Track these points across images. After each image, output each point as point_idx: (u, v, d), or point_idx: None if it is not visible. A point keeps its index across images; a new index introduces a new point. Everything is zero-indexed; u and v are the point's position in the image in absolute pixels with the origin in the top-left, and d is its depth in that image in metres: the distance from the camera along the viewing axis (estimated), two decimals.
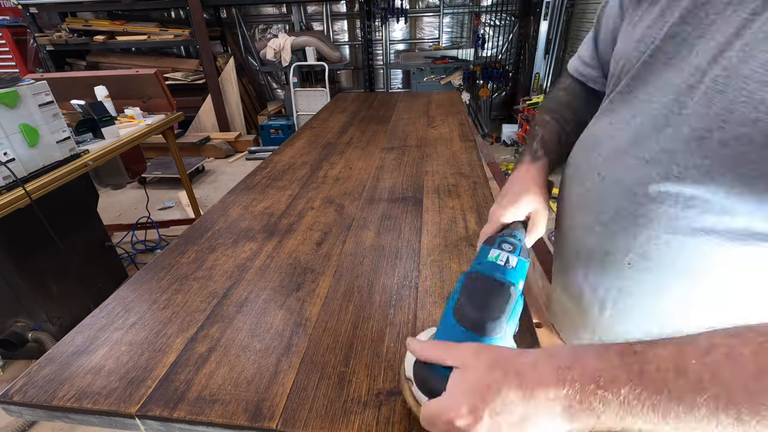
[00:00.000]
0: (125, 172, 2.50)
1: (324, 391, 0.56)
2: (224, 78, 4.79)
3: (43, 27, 4.70)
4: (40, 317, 1.80)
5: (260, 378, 0.58)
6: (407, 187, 1.18)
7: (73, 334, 0.68)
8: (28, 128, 1.47)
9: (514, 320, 0.46)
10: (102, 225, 2.23)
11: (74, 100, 2.03)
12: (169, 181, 3.98)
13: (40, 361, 0.63)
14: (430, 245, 0.89)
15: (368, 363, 0.60)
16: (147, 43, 4.65)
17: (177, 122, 2.46)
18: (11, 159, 1.41)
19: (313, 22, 5.28)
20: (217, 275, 0.81)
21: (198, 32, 4.41)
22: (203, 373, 0.59)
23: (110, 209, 3.45)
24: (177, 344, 0.65)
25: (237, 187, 1.22)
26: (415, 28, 5.31)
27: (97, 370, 0.61)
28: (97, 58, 4.95)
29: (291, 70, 4.60)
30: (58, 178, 1.57)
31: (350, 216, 1.03)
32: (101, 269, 2.17)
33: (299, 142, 1.63)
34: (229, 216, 1.05)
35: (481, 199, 1.08)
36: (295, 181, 1.25)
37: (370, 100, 2.33)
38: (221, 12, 5.15)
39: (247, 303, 0.73)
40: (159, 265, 0.85)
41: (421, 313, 0.69)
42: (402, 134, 1.68)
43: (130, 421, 0.55)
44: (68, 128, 1.65)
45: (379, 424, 0.51)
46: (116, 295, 0.77)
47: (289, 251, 0.89)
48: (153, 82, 2.35)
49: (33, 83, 1.50)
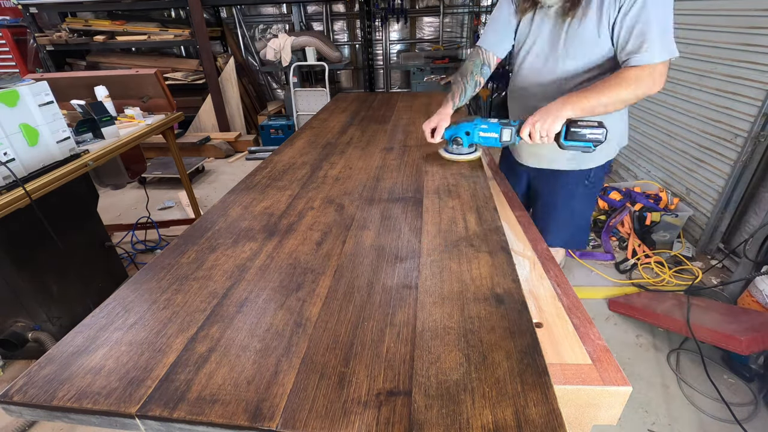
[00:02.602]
0: (125, 172, 2.51)
1: (324, 392, 0.56)
2: (224, 78, 4.79)
3: (43, 27, 4.70)
4: (40, 317, 1.80)
5: (260, 378, 0.58)
6: (407, 187, 1.18)
7: (73, 334, 0.68)
8: (28, 128, 1.47)
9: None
10: (102, 225, 2.23)
11: (74, 100, 2.03)
12: (169, 181, 3.98)
13: (40, 361, 0.63)
14: (430, 245, 0.89)
15: (368, 363, 0.60)
16: (147, 43, 4.65)
17: (177, 122, 2.46)
18: (11, 159, 1.41)
19: (313, 22, 5.28)
20: (217, 275, 0.81)
21: (198, 32, 4.41)
22: (203, 373, 0.59)
23: (110, 209, 3.46)
24: (177, 344, 0.64)
25: (237, 187, 1.22)
26: (415, 28, 5.31)
27: (97, 370, 0.60)
28: (97, 58, 4.95)
29: (291, 70, 4.60)
30: (58, 178, 1.57)
31: (350, 216, 1.03)
32: (101, 269, 2.18)
33: (299, 142, 1.63)
34: (229, 216, 1.05)
35: (481, 199, 1.08)
36: (295, 181, 1.25)
37: (370, 100, 2.33)
38: (221, 12, 5.15)
39: (247, 303, 0.73)
40: (159, 265, 0.85)
41: (421, 313, 0.69)
42: (402, 134, 1.68)
43: (130, 421, 0.55)
44: (68, 128, 1.65)
45: (379, 424, 0.51)
46: (116, 295, 0.77)
47: (289, 251, 0.89)
48: (153, 82, 2.35)
49: (33, 83, 1.50)
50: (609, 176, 3.68)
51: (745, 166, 2.22)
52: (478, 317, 0.68)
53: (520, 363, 0.59)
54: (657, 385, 1.72)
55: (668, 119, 2.87)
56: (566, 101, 1.12)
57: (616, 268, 2.46)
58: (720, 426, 1.55)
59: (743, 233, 2.33)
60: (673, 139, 2.82)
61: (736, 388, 1.70)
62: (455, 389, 0.55)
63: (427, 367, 0.59)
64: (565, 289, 0.88)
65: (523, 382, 0.56)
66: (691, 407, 1.63)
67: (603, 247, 2.65)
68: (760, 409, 1.61)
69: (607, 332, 2.00)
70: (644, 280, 2.34)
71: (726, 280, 2.27)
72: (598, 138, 1.10)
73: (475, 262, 0.82)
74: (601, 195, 2.92)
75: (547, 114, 1.12)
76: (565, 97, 1.13)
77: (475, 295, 0.73)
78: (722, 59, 2.36)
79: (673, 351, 1.88)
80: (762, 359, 1.67)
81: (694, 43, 2.59)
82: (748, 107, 2.19)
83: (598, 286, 2.33)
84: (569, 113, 1.11)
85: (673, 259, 2.51)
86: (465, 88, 1.41)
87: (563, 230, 1.52)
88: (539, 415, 0.51)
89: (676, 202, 2.64)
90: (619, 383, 0.64)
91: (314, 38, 4.71)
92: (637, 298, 2.15)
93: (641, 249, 2.52)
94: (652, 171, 3.10)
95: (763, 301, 1.84)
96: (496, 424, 0.51)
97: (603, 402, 0.66)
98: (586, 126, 1.10)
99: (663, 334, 1.98)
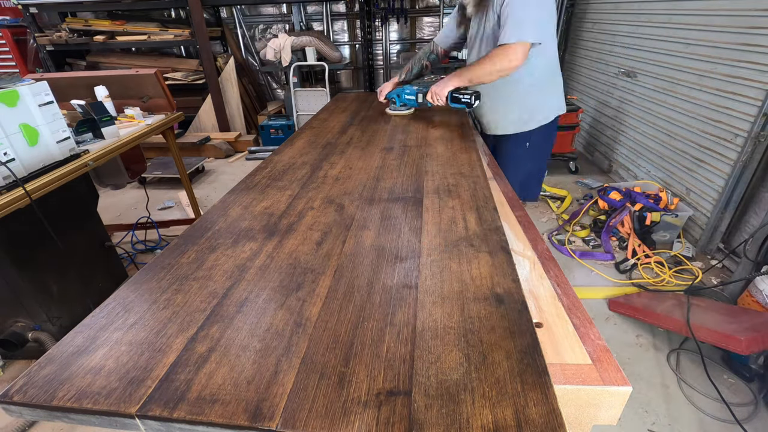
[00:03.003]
0: (125, 172, 2.51)
1: (324, 391, 0.56)
2: (224, 78, 4.79)
3: (43, 27, 4.70)
4: (40, 317, 1.80)
5: (260, 378, 0.58)
6: (407, 186, 1.18)
7: (73, 334, 0.68)
8: (28, 128, 1.47)
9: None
10: (102, 225, 2.23)
11: (74, 100, 2.03)
12: (169, 181, 3.98)
13: (40, 361, 0.63)
14: (430, 245, 0.89)
15: (368, 363, 0.60)
16: (147, 43, 4.65)
17: (177, 122, 2.46)
18: (11, 159, 1.41)
19: (313, 22, 5.28)
20: (217, 275, 0.81)
21: (198, 32, 4.41)
22: (203, 373, 0.59)
23: (110, 209, 3.46)
24: (177, 344, 0.64)
25: (237, 187, 1.22)
26: (415, 28, 5.31)
27: (97, 370, 0.60)
28: (97, 58, 4.95)
29: (291, 70, 4.60)
30: (58, 178, 1.56)
31: (350, 216, 1.03)
32: (101, 269, 2.18)
33: (299, 142, 1.63)
34: (229, 216, 1.05)
35: (481, 199, 1.08)
36: (295, 181, 1.25)
37: (370, 100, 2.33)
38: (221, 12, 5.15)
39: (247, 303, 0.73)
40: (159, 265, 0.85)
41: (421, 313, 0.69)
42: (402, 134, 1.68)
43: (130, 421, 0.55)
44: (68, 128, 1.65)
45: (379, 424, 0.51)
46: (116, 295, 0.77)
47: (289, 251, 0.89)
48: (153, 82, 2.35)
49: (33, 83, 1.50)
50: (608, 176, 3.69)
51: (745, 166, 2.22)
52: (478, 317, 0.68)
53: (520, 363, 0.59)
54: (657, 385, 1.72)
55: (668, 119, 2.87)
56: (454, 75, 1.65)
57: (616, 268, 2.46)
58: (720, 426, 1.55)
59: (743, 233, 2.33)
60: (673, 139, 2.83)
61: (736, 388, 1.70)
62: (455, 389, 0.55)
63: (427, 366, 0.59)
64: (565, 289, 0.88)
65: (523, 382, 0.56)
66: (691, 407, 1.63)
67: (603, 247, 2.65)
68: (760, 409, 1.61)
69: (607, 332, 2.00)
70: (644, 280, 2.34)
71: (726, 280, 2.28)
72: (467, 101, 1.63)
73: (475, 262, 0.82)
74: (601, 195, 2.92)
75: (441, 84, 1.67)
76: (454, 72, 1.66)
77: (475, 295, 0.73)
78: (722, 59, 2.36)
79: (673, 351, 1.88)
80: (762, 359, 1.67)
81: (694, 43, 2.59)
82: (748, 107, 2.19)
83: (598, 286, 2.33)
84: (455, 83, 1.64)
85: (673, 259, 2.51)
86: (412, 67, 2.02)
87: (515, 183, 1.82)
88: (539, 415, 0.51)
89: (676, 202, 2.64)
90: (619, 383, 0.64)
91: (314, 38, 4.71)
92: (637, 298, 2.15)
93: (641, 249, 2.52)
94: (652, 171, 3.10)
95: (763, 301, 1.84)
96: (496, 424, 0.51)
97: (603, 402, 0.66)
98: (462, 93, 1.64)
99: (663, 334, 1.98)
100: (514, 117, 1.76)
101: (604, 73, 3.78)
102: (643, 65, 3.16)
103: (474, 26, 1.73)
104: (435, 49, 1.98)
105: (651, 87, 3.07)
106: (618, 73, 3.52)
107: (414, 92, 1.84)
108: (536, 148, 1.83)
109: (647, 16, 3.10)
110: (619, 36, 3.49)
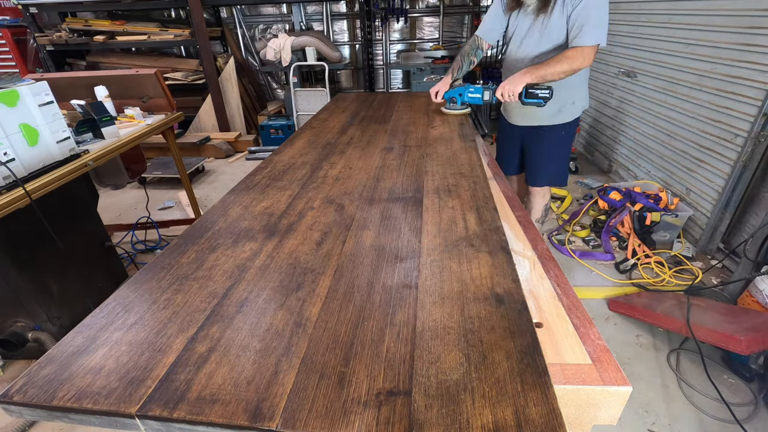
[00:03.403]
0: (125, 172, 2.51)
1: (324, 391, 0.56)
2: (224, 78, 4.79)
3: (43, 27, 4.70)
4: (40, 317, 1.80)
5: (260, 378, 0.58)
6: (407, 187, 1.18)
7: (73, 334, 0.68)
8: (28, 128, 1.47)
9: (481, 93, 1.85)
10: (102, 225, 2.23)
11: (74, 100, 2.03)
12: (169, 181, 3.98)
13: (40, 361, 0.63)
14: (430, 245, 0.89)
15: (368, 363, 0.60)
16: (147, 43, 4.65)
17: (177, 122, 2.46)
18: (11, 159, 1.41)
19: (313, 22, 5.28)
20: (217, 275, 0.81)
21: (198, 32, 4.41)
22: (203, 373, 0.59)
23: (110, 209, 3.46)
24: (177, 344, 0.64)
25: (237, 187, 1.22)
26: (415, 28, 5.31)
27: (97, 370, 0.60)
28: (97, 58, 4.95)
29: (291, 70, 4.60)
30: (58, 178, 1.56)
31: (350, 216, 1.03)
32: (101, 269, 2.17)
33: (299, 142, 1.63)
34: (229, 216, 1.05)
35: (481, 199, 1.08)
36: (295, 181, 1.25)
37: (370, 100, 2.33)
38: (221, 12, 5.15)
39: (247, 303, 0.73)
40: (159, 265, 0.85)
41: (421, 313, 0.69)
42: (402, 134, 1.68)
43: (130, 421, 0.55)
44: (68, 128, 1.65)
45: (379, 424, 0.51)
46: (116, 295, 0.77)
47: (289, 251, 0.89)
48: (153, 82, 2.35)
49: (33, 83, 1.50)
50: (608, 176, 3.69)
51: (745, 166, 2.22)
52: (478, 317, 0.68)
53: (520, 363, 0.59)
54: (657, 385, 1.72)
55: (668, 119, 2.87)
56: (526, 72, 1.64)
57: (616, 268, 2.46)
58: (720, 426, 1.55)
59: (743, 233, 2.33)
60: (673, 139, 2.82)
61: (736, 388, 1.70)
62: (455, 389, 0.55)
63: (427, 366, 0.59)
64: (565, 289, 0.88)
65: (523, 382, 0.56)
66: (691, 407, 1.63)
67: (603, 247, 2.65)
68: (760, 409, 1.60)
69: (607, 332, 2.00)
70: (644, 280, 2.34)
71: (726, 280, 2.27)
72: (546, 96, 1.63)
73: (475, 262, 0.82)
74: (601, 195, 2.92)
75: (512, 81, 1.66)
76: (525, 69, 1.65)
77: (475, 295, 0.73)
78: (722, 59, 2.36)
79: (673, 351, 1.88)
80: (762, 359, 1.67)
81: (694, 43, 2.59)
82: (748, 107, 2.19)
83: (598, 286, 2.33)
84: (528, 80, 1.63)
85: (673, 259, 2.51)
86: (462, 65, 1.98)
87: (550, 170, 2.03)
88: (539, 415, 0.51)
89: (676, 202, 2.64)
90: (619, 383, 0.64)
91: (314, 38, 4.70)
92: (637, 298, 2.15)
93: (641, 249, 2.52)
94: (652, 171, 3.10)
95: (763, 301, 1.84)
96: (496, 423, 0.51)
97: (603, 402, 0.66)
98: (538, 89, 1.63)
99: (663, 334, 1.98)
100: (554, 109, 1.84)
101: (604, 73, 3.78)
102: (643, 65, 3.16)
103: (525, 20, 1.73)
104: (480, 44, 1.95)
105: (651, 87, 3.07)
106: (618, 73, 3.52)
107: (480, 90, 1.84)
108: (570, 136, 1.97)
109: (647, 16, 3.10)
110: (619, 36, 3.49)
